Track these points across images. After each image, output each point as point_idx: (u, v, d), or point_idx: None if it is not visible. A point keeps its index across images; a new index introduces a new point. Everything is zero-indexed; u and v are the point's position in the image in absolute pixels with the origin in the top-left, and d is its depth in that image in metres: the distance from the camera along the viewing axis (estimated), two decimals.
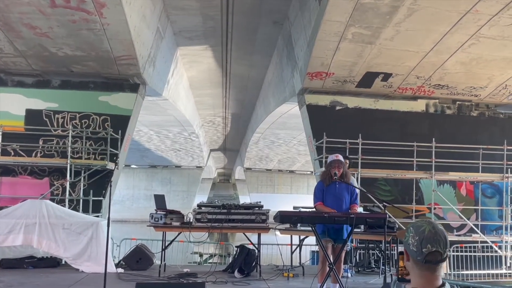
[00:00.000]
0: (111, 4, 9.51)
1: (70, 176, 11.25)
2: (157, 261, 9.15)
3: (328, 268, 6.02)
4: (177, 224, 8.27)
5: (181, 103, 20.83)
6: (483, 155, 12.45)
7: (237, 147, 41.47)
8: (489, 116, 13.50)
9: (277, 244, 10.13)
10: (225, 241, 14.32)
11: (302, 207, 8.99)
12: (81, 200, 11.44)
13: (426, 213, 12.46)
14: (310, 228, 6.45)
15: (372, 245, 9.97)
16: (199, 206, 8.45)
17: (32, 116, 11.96)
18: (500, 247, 12.04)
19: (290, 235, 9.59)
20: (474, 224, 12.27)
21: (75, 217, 9.10)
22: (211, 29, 15.60)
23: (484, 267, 11.18)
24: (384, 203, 6.53)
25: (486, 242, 11.75)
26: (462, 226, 12.54)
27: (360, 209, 7.52)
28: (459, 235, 12.18)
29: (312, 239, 8.91)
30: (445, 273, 10.28)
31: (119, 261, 9.33)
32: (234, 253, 9.37)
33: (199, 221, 8.15)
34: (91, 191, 11.46)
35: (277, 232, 9.14)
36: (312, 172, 15.28)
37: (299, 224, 8.46)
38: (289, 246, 9.73)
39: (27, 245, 8.67)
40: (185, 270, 8.67)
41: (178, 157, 37.30)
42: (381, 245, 9.26)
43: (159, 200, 8.62)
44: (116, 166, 9.50)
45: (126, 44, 10.89)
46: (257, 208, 8.39)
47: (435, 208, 12.32)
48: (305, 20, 11.92)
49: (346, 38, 10.74)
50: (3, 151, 11.62)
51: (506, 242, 12.12)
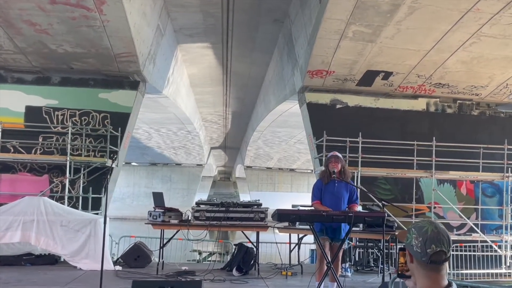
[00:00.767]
0: (111, 1, 9.49)
1: (70, 173, 11.25)
2: (156, 259, 9.13)
3: (326, 267, 5.99)
4: (176, 222, 8.25)
5: (182, 101, 20.80)
6: (484, 154, 12.43)
7: (238, 145, 41.45)
8: (490, 115, 13.47)
9: (276, 243, 10.12)
10: (225, 239, 14.31)
11: (301, 206, 8.96)
12: (81, 197, 11.45)
13: (426, 212, 12.44)
14: (308, 227, 6.43)
15: (371, 244, 9.94)
16: (198, 204, 8.42)
17: (32, 113, 11.96)
18: (500, 247, 12.02)
19: (289, 234, 9.57)
20: (474, 224, 12.26)
21: (73, 214, 9.07)
22: (212, 27, 15.57)
23: (484, 267, 11.17)
24: (383, 202, 6.49)
25: (486, 242, 11.74)
26: (462, 225, 12.52)
27: (360, 208, 7.50)
28: (459, 234, 12.17)
29: (311, 238, 8.89)
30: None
31: (117, 259, 9.31)
32: (233, 251, 9.34)
33: (198, 219, 8.12)
34: (91, 189, 11.46)
35: (276, 231, 9.11)
36: (312, 171, 15.26)
37: (298, 223, 8.43)
38: (288, 245, 9.71)
39: (25, 242, 8.65)
40: (183, 268, 8.64)
41: (179, 155, 37.27)
42: (380, 244, 9.24)
43: (158, 198, 8.60)
44: (115, 163, 9.47)
45: (126, 41, 10.87)
46: (256, 206, 8.36)
47: (435, 207, 12.30)
48: (306, 18, 11.89)
49: (347, 36, 10.71)
50: (3, 148, 11.62)
51: (506, 242, 12.11)
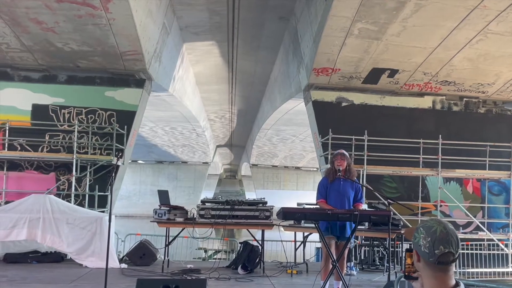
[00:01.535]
0: None
1: (76, 171, 11.29)
2: (161, 257, 9.16)
3: (331, 266, 5.98)
4: (181, 220, 8.26)
5: (187, 99, 20.82)
6: (490, 152, 12.36)
7: (243, 143, 41.45)
8: (497, 113, 13.39)
9: (281, 241, 10.11)
10: (231, 237, 14.32)
11: (306, 204, 8.95)
12: (87, 195, 11.49)
13: (432, 211, 12.39)
14: (314, 225, 6.42)
15: (377, 243, 9.91)
16: (203, 202, 8.44)
17: (39, 111, 12.01)
18: (507, 245, 11.95)
19: (294, 232, 9.57)
20: (481, 222, 12.20)
21: (79, 212, 9.12)
22: (217, 25, 15.56)
23: (490, 265, 11.11)
24: (389, 200, 6.46)
25: (493, 240, 11.67)
26: (469, 224, 12.47)
27: (365, 206, 7.48)
28: (465, 233, 12.12)
29: (317, 236, 8.87)
30: None
31: (123, 257, 9.34)
32: (238, 249, 9.35)
33: (203, 217, 8.14)
34: (97, 186, 11.50)
35: (281, 229, 9.11)
36: (318, 169, 15.24)
37: (303, 221, 8.42)
38: (293, 243, 9.71)
39: (31, 240, 8.70)
40: (189, 266, 8.66)
41: (185, 153, 37.34)
42: (386, 243, 9.22)
43: (163, 196, 8.62)
44: (120, 161, 9.50)
45: (132, 40, 10.89)
46: (261, 205, 8.37)
47: (441, 206, 12.25)
48: (311, 16, 11.85)
49: (353, 34, 10.67)
50: (10, 146, 11.68)
51: None
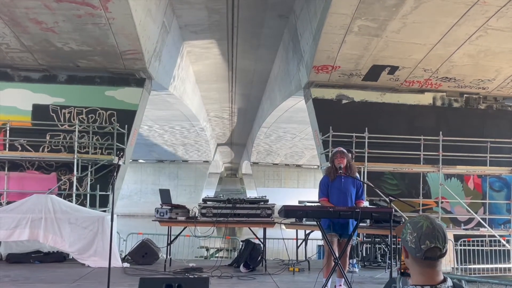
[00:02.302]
0: None
1: (77, 171, 11.29)
2: (163, 256, 9.17)
3: (334, 263, 5.99)
4: (182, 219, 8.27)
5: (188, 98, 20.82)
6: (491, 148, 12.35)
7: (244, 142, 41.46)
8: (497, 109, 13.38)
9: (283, 239, 10.12)
10: (233, 236, 14.33)
11: (308, 201, 8.96)
12: (88, 195, 11.50)
13: (433, 207, 12.39)
14: (316, 223, 6.43)
15: (378, 240, 9.92)
16: (205, 201, 8.43)
17: (39, 111, 12.01)
18: (508, 241, 11.95)
19: (296, 230, 9.57)
20: (482, 218, 12.19)
21: (81, 212, 9.13)
22: (217, 23, 15.55)
23: (492, 261, 11.10)
24: (390, 197, 6.47)
25: (494, 236, 11.67)
26: (470, 220, 12.46)
27: (366, 203, 7.48)
28: (467, 229, 12.12)
29: (318, 234, 8.87)
30: (452, 267, 10.23)
31: (125, 256, 9.35)
32: (240, 248, 9.35)
33: (205, 216, 8.14)
34: (98, 186, 11.51)
35: (283, 227, 9.11)
36: (319, 167, 15.24)
37: (305, 219, 8.43)
38: (295, 241, 9.71)
39: (33, 240, 8.71)
40: (191, 265, 8.68)
41: (185, 152, 37.35)
42: (387, 240, 9.22)
43: (165, 195, 8.62)
44: (121, 160, 9.49)
45: (132, 39, 10.89)
46: (263, 203, 8.37)
47: (443, 202, 12.24)
48: (311, 13, 11.84)
49: (352, 31, 10.67)
50: (11, 146, 11.68)
51: None
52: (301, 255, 9.49)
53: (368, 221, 7.82)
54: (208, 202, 8.32)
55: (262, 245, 8.54)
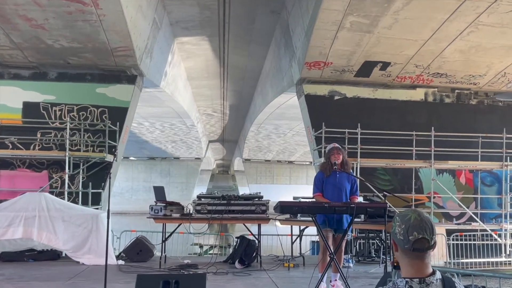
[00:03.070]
0: None
1: (69, 169, 11.22)
2: (158, 253, 9.16)
3: (329, 258, 6.01)
4: (177, 216, 8.26)
5: (179, 94, 20.76)
6: (482, 144, 12.45)
7: (236, 138, 41.42)
8: (488, 104, 13.48)
9: (277, 235, 10.14)
10: (225, 232, 14.32)
11: (302, 197, 8.98)
12: (80, 193, 11.43)
13: (426, 202, 12.47)
14: (310, 218, 6.44)
15: (372, 235, 9.98)
16: (199, 198, 8.43)
17: (30, 109, 11.92)
18: (500, 235, 12.07)
19: (290, 226, 9.60)
20: (474, 213, 12.30)
21: (75, 210, 9.09)
22: (208, 19, 15.50)
23: (484, 255, 11.20)
24: (385, 193, 6.49)
25: (486, 231, 11.78)
26: (462, 215, 12.57)
27: (360, 199, 7.52)
28: (459, 224, 12.21)
29: (312, 229, 8.90)
30: (445, 262, 10.31)
31: (120, 253, 9.33)
32: (235, 244, 9.37)
33: (199, 213, 8.14)
34: (90, 184, 11.43)
35: (277, 223, 9.13)
36: (311, 163, 15.27)
37: (299, 215, 8.45)
38: (289, 237, 9.74)
39: (27, 238, 8.66)
40: (186, 262, 8.67)
41: (177, 149, 37.27)
42: (381, 235, 9.28)
43: (159, 192, 8.60)
44: (115, 158, 9.46)
45: (123, 35, 10.82)
46: (257, 199, 8.38)
47: (435, 197, 12.33)
48: (303, 9, 11.84)
49: (344, 27, 10.68)
50: (1, 144, 11.58)
51: (506, 230, 12.15)
52: (296, 251, 9.52)
53: (363, 217, 7.85)
54: (203, 199, 8.32)
55: (257, 241, 8.55)
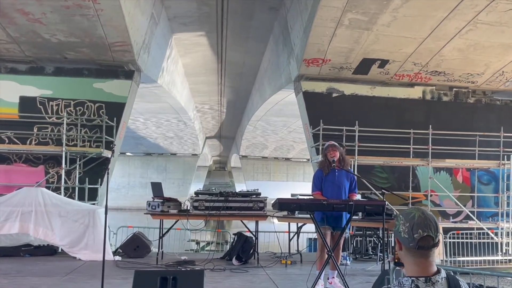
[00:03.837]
0: None
1: (66, 164, 11.17)
2: (155, 249, 9.13)
3: (327, 256, 6.00)
4: (175, 212, 8.24)
5: (176, 90, 20.70)
6: (480, 142, 12.46)
7: (233, 135, 41.39)
8: (486, 103, 13.49)
9: (275, 232, 10.14)
10: (222, 229, 14.31)
11: (300, 195, 8.97)
12: (77, 188, 11.39)
13: (423, 200, 12.48)
14: (308, 216, 6.43)
15: (370, 232, 9.98)
16: (197, 194, 8.41)
17: (26, 103, 11.85)
18: (496, 234, 12.09)
19: (288, 223, 9.59)
20: (470, 211, 12.32)
21: (72, 205, 9.04)
22: (206, 15, 15.45)
23: (480, 254, 11.22)
24: (383, 190, 6.49)
25: (482, 229, 11.80)
26: (458, 213, 12.59)
27: (359, 197, 7.51)
28: (455, 222, 12.24)
29: (309, 227, 8.91)
30: (441, 260, 10.32)
31: (117, 249, 9.30)
32: (232, 241, 9.35)
33: (197, 209, 8.12)
34: (87, 179, 11.39)
35: (274, 220, 9.12)
36: (309, 160, 15.26)
37: (297, 212, 8.44)
38: (287, 234, 9.73)
39: (23, 233, 8.62)
40: (183, 258, 8.66)
41: (174, 145, 37.22)
42: (379, 232, 9.28)
43: (156, 188, 8.57)
44: (113, 154, 9.42)
45: (120, 30, 10.77)
46: (255, 196, 8.37)
47: (432, 195, 12.34)
48: (302, 6, 11.81)
49: (343, 24, 10.66)
50: None
51: (502, 229, 12.18)
52: (293, 248, 9.51)
53: (360, 214, 7.85)
54: (200, 196, 8.29)
55: (254, 238, 8.54)
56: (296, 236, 9.51)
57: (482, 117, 13.23)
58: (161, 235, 8.45)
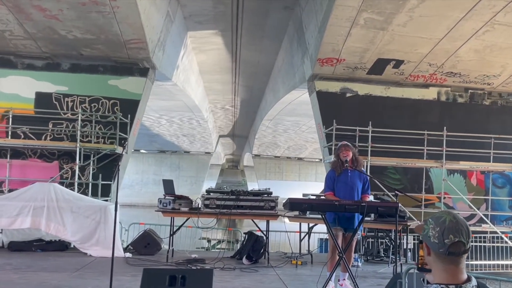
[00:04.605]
0: None
1: (80, 160, 11.27)
2: (165, 246, 9.16)
3: (338, 257, 5.95)
4: (186, 210, 8.25)
5: (191, 89, 20.75)
6: (495, 145, 12.30)
7: (246, 134, 41.40)
8: (502, 105, 13.31)
9: (286, 231, 10.10)
10: (233, 227, 14.32)
11: (312, 195, 8.93)
12: (90, 184, 11.48)
13: (436, 203, 12.36)
14: (319, 216, 6.38)
15: (382, 234, 9.90)
16: (208, 192, 8.41)
17: (42, 99, 11.97)
18: (510, 238, 11.92)
19: (299, 223, 9.54)
20: (484, 214, 12.16)
21: (84, 201, 9.10)
22: (221, 14, 15.45)
23: (494, 258, 11.08)
24: (396, 192, 6.42)
25: (496, 233, 11.64)
26: (472, 216, 12.43)
27: (371, 198, 7.45)
28: (469, 225, 12.07)
29: (321, 227, 8.86)
30: None
31: (127, 246, 9.34)
32: (243, 240, 9.34)
33: (208, 207, 8.12)
34: (100, 175, 11.48)
35: (285, 220, 9.08)
36: (321, 160, 15.19)
37: (308, 212, 8.40)
38: (298, 234, 9.69)
39: (35, 228, 8.70)
40: (193, 256, 8.66)
41: (187, 143, 37.36)
42: (391, 234, 9.20)
43: (168, 185, 8.59)
44: (125, 150, 9.47)
45: (136, 28, 10.81)
46: (266, 195, 8.35)
47: (445, 198, 12.21)
48: (317, 5, 11.75)
49: (358, 24, 10.58)
50: (13, 134, 11.66)
51: None
52: (304, 248, 9.47)
53: (373, 216, 7.78)
54: (212, 194, 8.30)
55: (265, 238, 8.52)
56: (307, 236, 9.47)
57: (498, 119, 13.05)
58: (172, 233, 8.46)
